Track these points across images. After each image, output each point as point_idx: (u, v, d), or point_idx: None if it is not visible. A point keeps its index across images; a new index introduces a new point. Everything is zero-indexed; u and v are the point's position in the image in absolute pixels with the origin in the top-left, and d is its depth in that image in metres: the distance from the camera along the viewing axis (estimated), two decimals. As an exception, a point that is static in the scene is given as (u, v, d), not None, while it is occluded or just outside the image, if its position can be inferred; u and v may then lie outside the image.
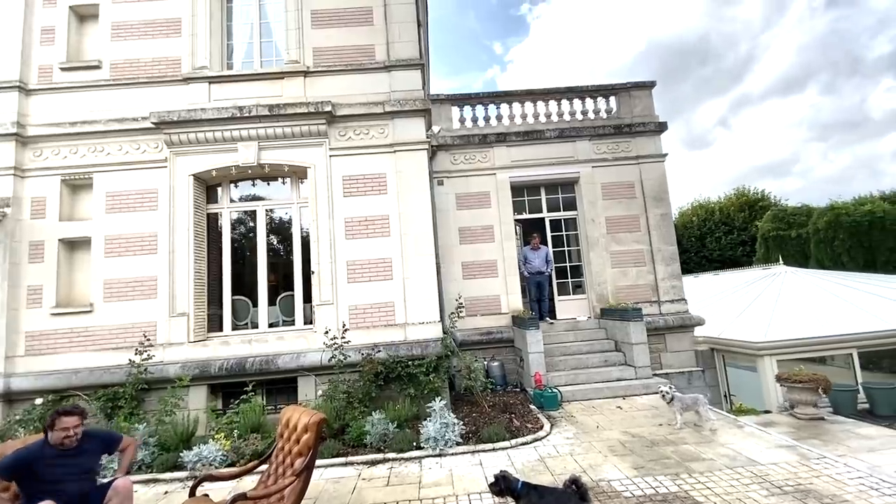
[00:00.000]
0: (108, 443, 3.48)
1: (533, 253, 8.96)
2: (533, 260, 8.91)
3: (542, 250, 8.96)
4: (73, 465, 3.16)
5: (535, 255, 8.93)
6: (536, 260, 8.88)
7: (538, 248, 8.97)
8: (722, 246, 28.02)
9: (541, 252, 8.94)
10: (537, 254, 8.92)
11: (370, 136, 7.39)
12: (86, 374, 6.61)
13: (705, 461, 4.44)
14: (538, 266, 8.88)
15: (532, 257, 8.95)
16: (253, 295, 7.45)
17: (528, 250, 9.01)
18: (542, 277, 8.94)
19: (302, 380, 6.68)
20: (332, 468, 4.86)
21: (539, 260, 8.87)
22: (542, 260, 8.88)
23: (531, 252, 8.98)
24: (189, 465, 4.94)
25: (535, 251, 8.95)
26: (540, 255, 8.91)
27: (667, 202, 9.30)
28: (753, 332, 8.61)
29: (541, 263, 8.86)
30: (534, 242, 9.01)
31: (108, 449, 3.47)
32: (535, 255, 8.92)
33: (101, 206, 7.18)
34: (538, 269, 8.90)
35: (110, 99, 7.45)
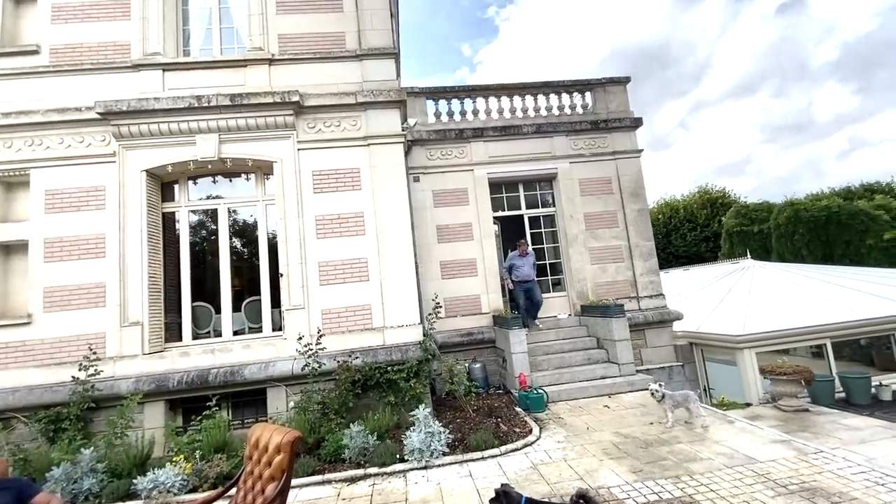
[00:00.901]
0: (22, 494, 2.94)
1: (521, 259, 8.32)
2: (521, 267, 8.28)
3: (531, 256, 8.40)
4: None
5: (523, 261, 8.30)
6: (525, 267, 8.26)
7: (526, 254, 8.35)
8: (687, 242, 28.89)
9: (529, 258, 8.36)
10: (525, 260, 8.31)
11: (342, 128, 6.95)
12: (24, 392, 5.88)
13: (703, 461, 4.27)
14: (527, 273, 8.25)
15: (520, 264, 8.31)
16: (216, 301, 6.86)
17: (516, 257, 8.36)
18: (531, 285, 8.33)
19: (272, 391, 6.16)
20: (308, 488, 4.42)
21: (528, 267, 8.28)
22: (531, 266, 8.33)
23: (519, 258, 8.32)
24: (143, 492, 4.38)
25: (523, 257, 8.32)
26: (528, 262, 8.32)
27: (643, 198, 9.28)
28: (731, 325, 8.67)
29: (529, 270, 8.28)
30: (521, 248, 8.37)
31: (21, 492, 2.92)
32: (524, 261, 8.30)
33: (39, 206, 6.44)
34: (527, 276, 8.25)
35: (50, 87, 6.72)
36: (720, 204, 29.04)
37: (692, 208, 29.75)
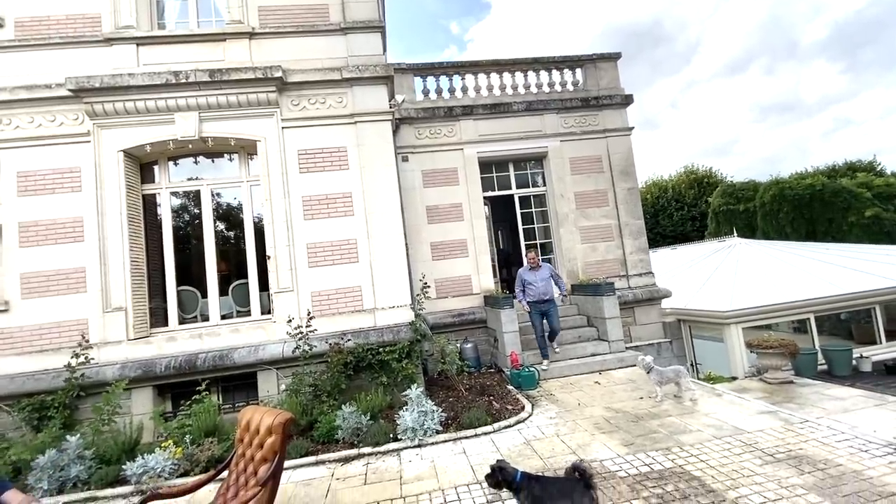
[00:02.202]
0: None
1: (532, 274, 6.99)
2: (534, 283, 6.91)
3: (545, 269, 7.03)
4: None
5: (535, 276, 6.96)
6: (539, 282, 6.90)
7: (538, 267, 7.04)
8: (674, 222, 29.17)
9: (542, 271, 7.00)
10: (539, 274, 6.96)
11: (327, 105, 6.74)
12: (6, 381, 5.72)
13: (693, 433, 4.34)
14: (542, 289, 6.88)
15: (531, 279, 6.95)
16: (201, 285, 6.71)
17: (526, 271, 7.10)
18: (548, 305, 6.89)
19: (262, 374, 6.10)
20: (302, 469, 4.40)
21: (542, 282, 6.90)
22: (547, 281, 6.94)
23: (529, 273, 7.02)
24: (133, 478, 4.32)
25: (534, 271, 7.01)
26: (542, 275, 6.95)
27: (633, 176, 9.25)
28: (718, 301, 8.80)
29: (545, 286, 6.90)
30: (531, 259, 7.08)
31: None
32: (536, 275, 6.95)
33: (11, 189, 6.17)
34: (542, 293, 6.88)
35: (16, 62, 6.37)
36: (707, 183, 29.29)
37: (680, 188, 29.97)
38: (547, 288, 6.91)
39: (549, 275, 6.98)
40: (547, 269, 7.04)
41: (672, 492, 3.30)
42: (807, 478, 3.32)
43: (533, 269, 7.07)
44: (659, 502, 3.18)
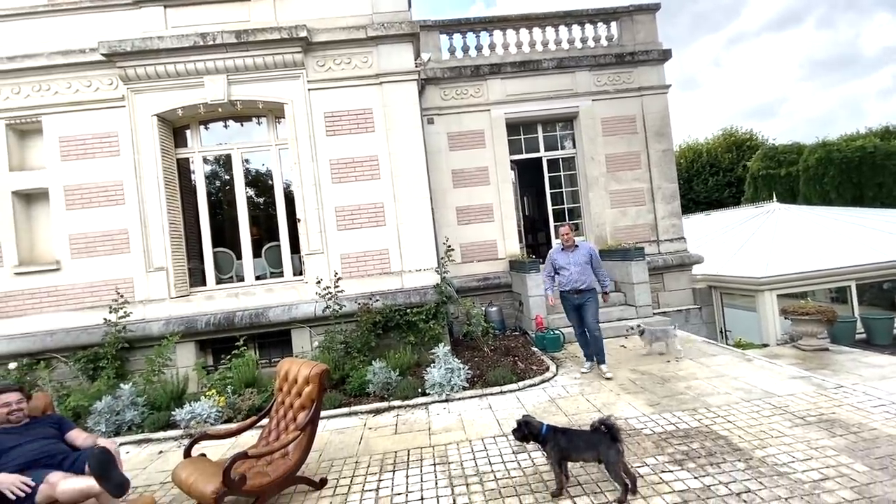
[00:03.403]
0: (60, 421, 3.18)
1: (565, 256, 5.35)
2: (566, 266, 5.30)
3: (582, 250, 5.34)
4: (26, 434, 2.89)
5: (568, 258, 5.32)
6: (573, 267, 5.25)
7: (573, 247, 5.36)
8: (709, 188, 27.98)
9: (578, 253, 5.31)
10: (573, 256, 5.30)
11: (352, 65, 6.64)
12: (62, 335, 6.17)
13: (721, 395, 4.33)
14: (575, 277, 5.24)
15: (564, 262, 5.34)
16: (235, 247, 6.95)
17: (557, 252, 5.50)
18: (584, 297, 5.27)
19: (296, 332, 6.36)
20: (336, 419, 4.64)
21: (577, 267, 5.24)
22: (583, 267, 5.26)
23: (562, 254, 5.40)
24: (182, 423, 4.67)
25: (568, 252, 5.37)
26: (578, 258, 5.27)
27: (669, 137, 8.86)
28: (753, 267, 8.53)
29: (581, 273, 5.24)
30: (565, 236, 5.39)
31: (60, 426, 3.11)
32: (570, 258, 5.31)
33: (55, 154, 6.43)
34: (576, 281, 5.24)
35: (51, 28, 6.49)
36: (746, 147, 27.76)
37: (716, 152, 28.52)
38: (583, 275, 5.23)
39: (586, 259, 5.28)
40: (585, 252, 5.33)
41: (697, 449, 3.33)
42: (838, 440, 3.29)
43: (566, 249, 5.38)
44: (684, 458, 3.22)
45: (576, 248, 5.40)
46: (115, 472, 2.55)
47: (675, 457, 3.25)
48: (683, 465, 3.12)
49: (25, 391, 3.11)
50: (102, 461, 2.51)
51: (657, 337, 5.86)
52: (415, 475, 3.34)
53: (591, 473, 3.09)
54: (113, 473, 2.52)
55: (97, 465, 2.49)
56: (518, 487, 3.04)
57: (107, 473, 2.49)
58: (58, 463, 2.83)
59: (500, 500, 2.92)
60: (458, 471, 3.35)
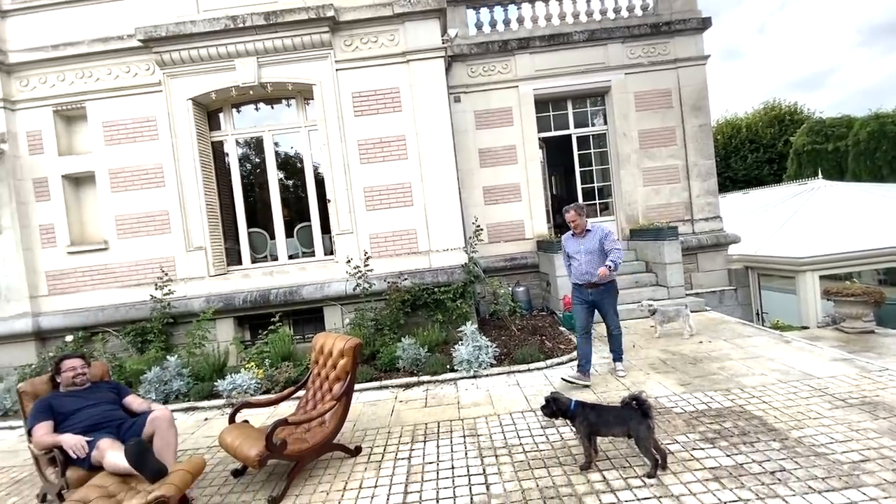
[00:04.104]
0: (118, 387, 3.46)
1: (575, 242, 4.54)
2: (576, 255, 4.51)
3: (594, 235, 4.41)
4: (90, 397, 3.15)
5: (578, 244, 4.50)
6: (582, 255, 4.43)
7: (585, 232, 4.47)
8: (747, 165, 26.67)
9: (589, 239, 4.43)
10: (583, 243, 4.45)
11: (379, 44, 6.62)
12: (111, 310, 6.58)
13: (756, 376, 4.24)
14: (584, 267, 4.42)
15: (573, 249, 4.55)
16: (269, 227, 7.17)
17: (568, 237, 4.69)
18: (601, 294, 4.48)
19: (328, 309, 6.57)
20: (368, 392, 4.81)
21: (587, 255, 4.40)
22: (594, 255, 4.38)
23: (572, 240, 4.59)
24: (225, 393, 4.94)
25: (578, 237, 4.52)
26: (588, 245, 4.41)
27: (706, 111, 8.48)
28: (794, 247, 8.18)
29: (590, 262, 4.39)
30: (574, 220, 4.47)
31: (118, 391, 3.38)
32: (580, 244, 4.47)
33: (99, 138, 6.73)
34: (585, 273, 4.43)
35: (91, 15, 6.71)
36: (789, 121, 26.19)
37: (756, 127, 27.04)
38: (593, 265, 4.36)
39: (598, 246, 4.36)
40: (597, 238, 4.38)
41: (730, 428, 3.30)
42: (881, 423, 3.19)
43: (578, 235, 4.52)
44: (715, 437, 3.20)
45: (585, 233, 4.45)
46: (151, 461, 2.59)
47: (707, 435, 3.23)
48: (715, 444, 3.10)
49: (86, 358, 3.37)
50: (136, 453, 2.55)
51: (669, 317, 5.79)
52: (445, 446, 3.45)
53: (620, 448, 3.11)
54: (148, 463, 2.56)
55: (132, 456, 2.54)
56: (546, 460, 3.10)
57: (142, 464, 2.54)
58: (117, 427, 3.07)
59: (529, 471, 2.98)
60: (486, 443, 3.43)
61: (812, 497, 2.46)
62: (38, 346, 6.54)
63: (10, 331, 6.44)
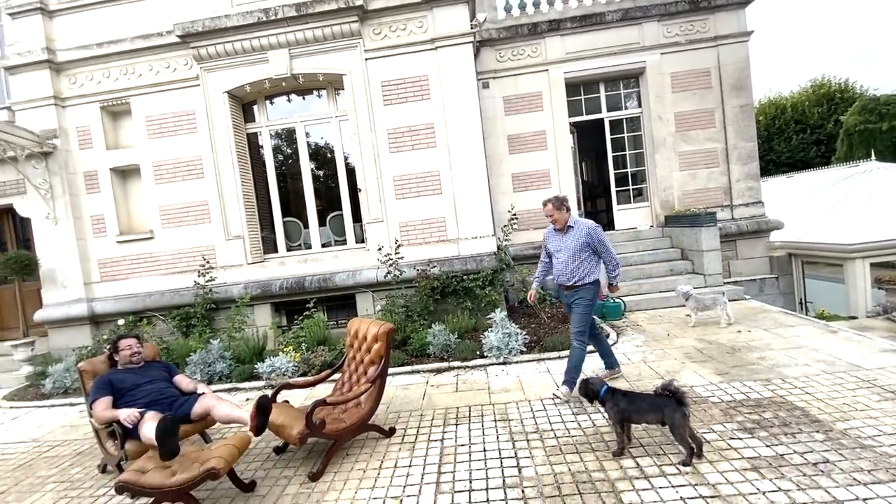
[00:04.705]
0: (168, 366, 3.70)
1: (557, 238, 3.94)
2: (556, 253, 3.94)
3: (578, 230, 3.82)
4: (147, 374, 3.39)
5: (559, 242, 3.92)
6: (563, 254, 3.87)
7: (567, 228, 3.87)
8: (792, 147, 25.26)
9: (571, 236, 3.83)
10: (565, 240, 3.87)
11: (407, 31, 6.61)
12: (158, 296, 6.95)
13: (799, 367, 4.09)
14: (561, 267, 3.90)
15: (554, 246, 3.97)
16: (302, 216, 7.37)
17: (550, 232, 4.05)
18: (573, 296, 3.90)
19: (360, 296, 6.72)
20: (400, 376, 4.93)
21: (566, 254, 3.84)
22: (575, 252, 3.80)
23: (555, 236, 3.98)
24: (264, 375, 5.17)
25: (560, 233, 3.92)
26: (569, 243, 3.83)
27: (748, 91, 8.07)
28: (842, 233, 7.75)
29: (567, 261, 3.84)
30: (551, 214, 3.89)
31: (169, 371, 3.62)
32: (561, 242, 3.90)
33: (142, 132, 7.05)
34: (560, 273, 3.92)
35: (132, 12, 6.99)
36: (839, 99, 24.55)
37: (803, 106, 25.50)
38: (571, 266, 3.82)
39: (580, 244, 3.78)
40: (581, 234, 3.79)
41: (770, 419, 3.21)
42: (937, 417, 3.03)
43: (559, 230, 3.93)
44: (754, 427, 3.12)
45: (570, 228, 3.85)
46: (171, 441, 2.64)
47: (745, 425, 3.16)
48: (754, 434, 3.03)
49: (140, 338, 3.61)
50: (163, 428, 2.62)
51: (705, 305, 5.63)
52: (476, 429, 3.51)
53: (654, 436, 3.09)
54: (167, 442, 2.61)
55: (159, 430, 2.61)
56: (578, 446, 3.11)
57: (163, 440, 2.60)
58: (170, 403, 3.29)
59: (560, 456, 3.01)
60: (518, 427, 3.47)
61: (857, 489, 2.38)
62: (93, 330, 7.00)
63: (67, 315, 6.91)
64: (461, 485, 2.80)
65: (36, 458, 4.04)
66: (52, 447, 4.23)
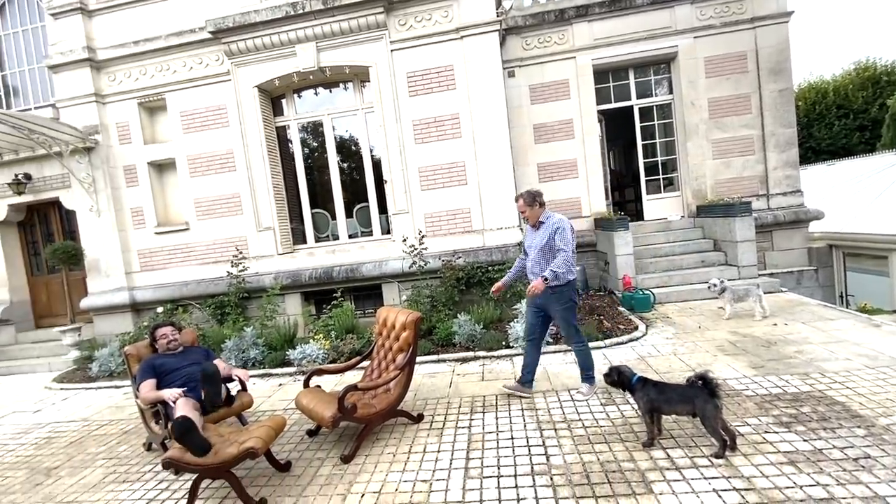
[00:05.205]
0: (207, 351, 3.88)
1: (531, 234, 3.81)
2: (530, 250, 3.81)
3: (546, 226, 3.66)
4: (184, 358, 3.56)
5: (532, 237, 3.79)
6: (533, 249, 3.75)
7: (538, 223, 3.73)
8: (833, 133, 24.01)
9: (541, 233, 3.70)
10: (535, 237, 3.76)
11: (433, 21, 6.59)
12: (194, 285, 7.23)
13: (839, 361, 3.94)
14: (531, 264, 3.80)
15: (529, 243, 3.84)
16: (329, 208, 7.50)
17: (527, 229, 3.93)
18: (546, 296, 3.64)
19: (386, 286, 6.83)
20: (426, 364, 5.00)
21: (537, 251, 3.71)
22: (541, 250, 3.67)
23: (529, 232, 3.86)
24: (295, 361, 5.33)
25: (534, 229, 3.79)
26: (538, 240, 3.70)
27: (787, 74, 7.71)
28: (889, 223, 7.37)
29: (536, 259, 3.72)
30: (522, 210, 3.78)
31: (207, 355, 3.78)
32: (533, 238, 3.78)
33: (177, 127, 7.29)
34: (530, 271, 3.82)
35: (166, 10, 7.21)
36: (886, 82, 23.12)
37: (845, 91, 24.15)
38: (539, 264, 3.69)
39: (546, 240, 3.62)
40: (547, 231, 3.63)
41: (808, 413, 3.12)
42: None
43: (533, 226, 3.80)
44: (791, 421, 3.04)
45: (541, 224, 3.70)
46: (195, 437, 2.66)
47: (781, 419, 3.08)
48: (791, 428, 2.95)
49: (177, 325, 3.78)
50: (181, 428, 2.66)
51: (739, 296, 5.45)
52: (503, 417, 3.54)
53: (686, 428, 3.05)
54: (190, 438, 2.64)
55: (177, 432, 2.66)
56: (607, 436, 3.10)
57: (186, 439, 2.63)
58: (206, 385, 3.43)
59: (589, 445, 3.01)
60: (545, 417, 3.48)
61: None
62: (134, 317, 7.35)
63: (110, 302, 7.28)
64: (489, 471, 2.84)
65: (86, 436, 4.30)
66: (101, 426, 4.50)
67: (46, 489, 3.34)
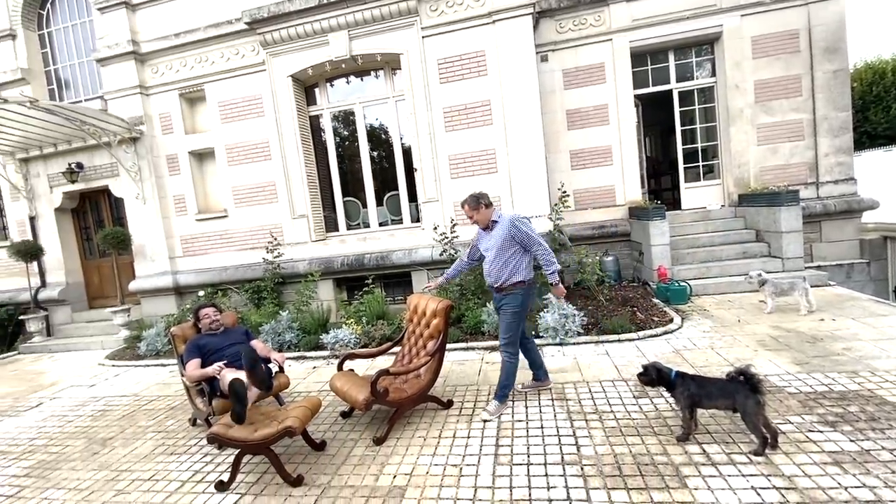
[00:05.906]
0: (247, 332, 4.04)
1: (486, 237, 3.58)
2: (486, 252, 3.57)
3: (500, 226, 3.45)
4: (226, 338, 3.75)
5: (488, 239, 3.55)
6: (490, 251, 3.50)
7: (491, 224, 3.53)
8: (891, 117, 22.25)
9: (493, 235, 3.49)
10: (489, 239, 3.53)
11: (464, 6, 6.50)
12: (232, 270, 7.51)
13: (892, 360, 3.73)
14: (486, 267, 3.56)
15: (485, 245, 3.58)
16: (360, 196, 7.60)
17: (479, 231, 3.71)
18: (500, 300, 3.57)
19: (415, 274, 6.89)
20: (455, 352, 5.04)
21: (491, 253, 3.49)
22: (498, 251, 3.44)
23: (483, 235, 3.64)
24: (329, 345, 5.48)
25: (487, 231, 3.58)
26: (491, 242, 3.49)
27: (843, 54, 7.19)
28: (954, 214, 6.83)
29: (492, 261, 3.49)
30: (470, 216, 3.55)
31: (247, 335, 3.95)
32: (488, 239, 3.54)
33: (216, 117, 7.52)
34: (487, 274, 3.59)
35: (204, 3, 7.38)
36: (956, 60, 21.24)
37: (908, 70, 22.34)
38: (495, 266, 3.47)
39: (503, 239, 3.40)
40: (504, 228, 3.41)
41: (856, 412, 2.97)
42: None
43: (484, 227, 3.60)
44: (837, 420, 2.91)
45: (494, 224, 3.50)
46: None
47: (827, 418, 2.95)
48: (836, 427, 2.83)
49: (218, 307, 3.96)
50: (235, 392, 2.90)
51: (782, 290, 5.17)
52: (533, 407, 3.54)
53: (723, 424, 2.97)
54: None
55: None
56: (640, 429, 3.06)
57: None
58: (247, 364, 3.59)
59: (620, 437, 2.98)
60: (576, 407, 3.46)
61: (961, 493, 2.17)
62: (177, 299, 7.72)
63: (155, 286, 7.67)
64: (519, 458, 2.86)
65: (136, 410, 4.59)
66: (149, 401, 4.79)
67: (103, 458, 3.60)
